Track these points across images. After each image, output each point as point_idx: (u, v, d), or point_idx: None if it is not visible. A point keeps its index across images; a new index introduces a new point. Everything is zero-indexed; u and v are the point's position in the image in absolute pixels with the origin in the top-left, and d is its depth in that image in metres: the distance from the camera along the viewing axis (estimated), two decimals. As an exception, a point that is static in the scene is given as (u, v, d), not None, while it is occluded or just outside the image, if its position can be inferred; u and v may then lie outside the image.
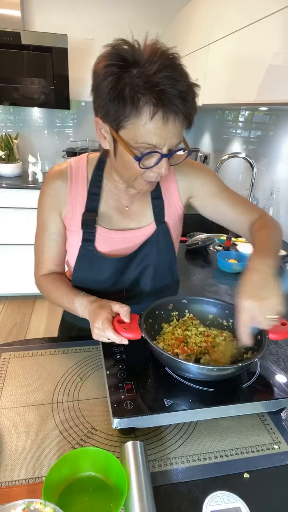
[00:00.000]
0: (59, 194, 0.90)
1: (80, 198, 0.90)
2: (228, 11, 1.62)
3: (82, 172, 0.91)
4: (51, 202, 0.91)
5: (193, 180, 0.96)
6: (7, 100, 2.77)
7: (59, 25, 2.79)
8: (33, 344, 0.93)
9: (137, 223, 0.94)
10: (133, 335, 0.73)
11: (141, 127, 0.68)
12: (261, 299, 0.66)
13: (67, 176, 0.90)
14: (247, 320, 0.67)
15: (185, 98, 0.67)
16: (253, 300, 0.67)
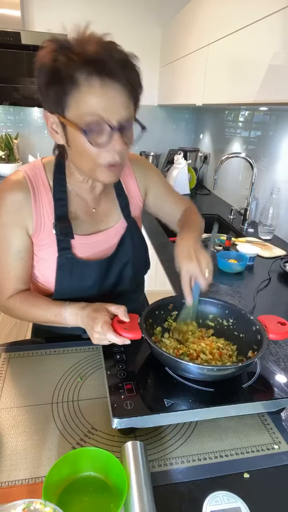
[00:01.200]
0: (22, 208, 0.83)
1: (46, 208, 0.85)
2: (228, 11, 1.62)
3: (42, 179, 0.86)
4: (13, 218, 0.83)
5: (148, 176, 1.03)
6: (7, 100, 2.77)
7: (59, 25, 2.79)
8: (33, 344, 0.93)
9: (106, 223, 0.95)
10: (133, 335, 0.73)
11: (82, 99, 0.69)
12: (197, 260, 0.80)
13: (28, 187, 0.83)
14: (188, 278, 0.81)
15: (123, 65, 0.69)
16: (191, 260, 0.80)
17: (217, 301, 0.89)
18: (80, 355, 0.89)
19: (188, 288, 0.81)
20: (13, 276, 0.88)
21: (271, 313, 0.84)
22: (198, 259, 0.81)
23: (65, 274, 0.89)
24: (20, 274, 0.89)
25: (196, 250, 0.83)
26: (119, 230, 0.96)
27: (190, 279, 0.81)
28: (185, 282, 0.81)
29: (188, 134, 3.40)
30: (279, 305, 1.21)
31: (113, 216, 0.96)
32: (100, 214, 0.94)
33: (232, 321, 0.85)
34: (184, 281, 0.81)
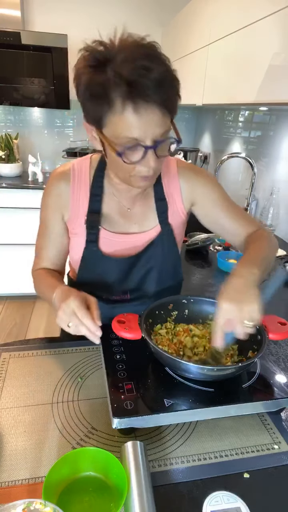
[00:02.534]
0: (62, 195, 0.90)
1: (82, 200, 0.90)
2: (228, 11, 1.62)
3: (85, 173, 0.91)
4: (53, 202, 0.91)
5: (197, 187, 0.95)
6: (7, 100, 2.77)
7: (59, 25, 2.79)
8: (33, 344, 0.93)
9: (139, 227, 0.93)
10: (133, 335, 0.73)
11: (117, 122, 0.68)
12: (240, 303, 0.67)
13: (69, 178, 0.90)
14: (223, 322, 0.68)
15: (158, 85, 0.66)
16: (232, 303, 0.67)
17: (217, 301, 0.88)
18: (80, 355, 0.89)
19: (220, 333, 0.68)
20: (44, 253, 0.96)
21: (271, 313, 0.84)
22: (241, 303, 0.67)
23: (88, 267, 0.93)
24: (50, 254, 0.96)
25: (246, 292, 0.69)
26: (149, 236, 0.94)
27: (226, 322, 0.68)
28: (218, 324, 0.68)
29: (188, 134, 3.40)
30: (279, 305, 1.21)
31: (147, 221, 0.94)
32: (133, 215, 0.93)
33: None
34: (217, 323, 0.68)
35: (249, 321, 0.66)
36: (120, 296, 0.98)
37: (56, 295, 0.79)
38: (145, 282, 0.96)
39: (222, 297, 0.69)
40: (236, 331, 0.67)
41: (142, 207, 0.93)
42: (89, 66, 0.68)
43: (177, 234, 0.97)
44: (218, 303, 0.69)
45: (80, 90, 0.70)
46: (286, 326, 0.79)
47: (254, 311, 0.66)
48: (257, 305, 0.67)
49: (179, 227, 0.97)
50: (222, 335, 0.69)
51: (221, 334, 0.69)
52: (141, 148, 0.70)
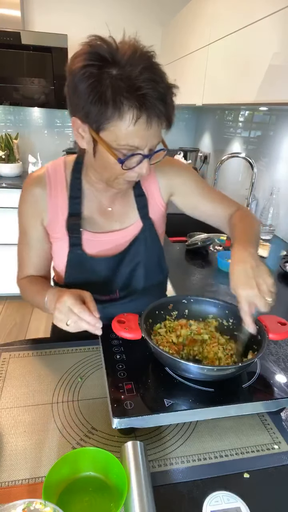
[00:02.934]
0: (39, 201, 0.89)
1: (61, 203, 0.90)
2: (228, 11, 1.62)
3: (61, 176, 0.90)
4: (30, 209, 0.90)
5: (173, 178, 0.98)
6: (7, 100, 2.77)
7: (59, 25, 2.80)
8: (33, 344, 0.93)
9: (120, 224, 0.95)
10: (133, 335, 0.73)
11: (123, 130, 0.68)
12: (255, 286, 0.70)
13: (45, 182, 0.89)
14: (247, 307, 0.70)
15: (165, 100, 0.68)
16: (248, 288, 0.70)
17: (217, 301, 0.89)
18: (80, 355, 0.89)
19: (249, 318, 0.71)
20: (27, 261, 0.96)
21: (271, 313, 0.84)
22: (258, 283, 0.70)
23: (74, 270, 0.93)
24: (32, 261, 0.96)
25: (255, 272, 0.72)
26: (132, 232, 0.95)
27: (249, 305, 0.71)
28: (245, 311, 0.71)
29: (188, 134, 3.40)
30: (279, 305, 1.21)
31: (128, 217, 0.95)
32: (115, 213, 0.94)
33: (232, 321, 0.85)
34: (243, 310, 0.71)
35: (269, 296, 0.70)
36: (110, 296, 0.98)
37: (48, 298, 0.80)
38: (133, 278, 0.98)
39: (237, 286, 0.72)
40: (261, 309, 0.70)
41: (122, 204, 0.95)
42: (92, 65, 0.66)
43: (158, 227, 0.99)
44: (235, 293, 0.72)
45: (82, 90, 0.67)
46: (286, 326, 0.79)
47: (269, 285, 0.70)
48: (270, 280, 0.71)
49: (159, 220, 1.00)
50: (252, 319, 0.71)
51: (250, 319, 0.71)
52: (139, 156, 0.73)
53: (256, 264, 0.73)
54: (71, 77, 0.70)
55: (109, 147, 0.71)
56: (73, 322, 0.70)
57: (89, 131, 0.73)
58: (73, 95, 0.71)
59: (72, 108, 0.73)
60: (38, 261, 0.96)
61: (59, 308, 0.71)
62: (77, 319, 0.70)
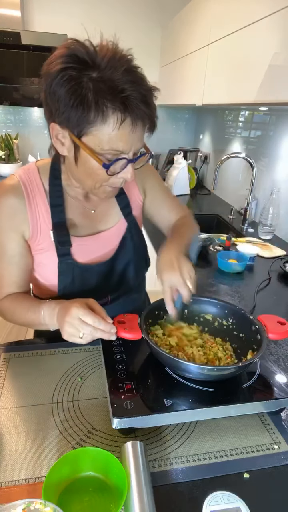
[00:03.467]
0: (17, 213, 0.82)
1: (42, 213, 0.84)
2: (228, 11, 1.62)
3: (37, 183, 0.85)
4: (8, 222, 0.83)
5: (146, 178, 1.01)
6: (7, 100, 2.77)
7: (59, 25, 2.79)
8: (33, 344, 0.93)
9: (104, 224, 0.94)
10: (133, 335, 0.73)
11: (107, 134, 0.67)
12: (176, 269, 0.77)
13: (22, 192, 0.82)
14: (169, 290, 0.78)
15: (147, 102, 0.67)
16: (170, 271, 0.77)
17: (217, 301, 0.89)
18: (80, 355, 0.89)
19: (169, 299, 0.78)
20: (6, 280, 0.88)
21: (271, 313, 0.84)
22: (180, 268, 0.77)
23: (67, 279, 0.89)
24: (14, 278, 0.88)
25: (179, 260, 0.79)
26: (119, 230, 0.96)
27: (171, 289, 0.78)
28: (166, 293, 0.78)
29: (188, 134, 3.40)
30: (279, 305, 1.21)
31: (111, 216, 0.95)
32: (98, 215, 0.94)
33: (232, 321, 0.85)
34: (165, 292, 0.78)
35: (189, 280, 0.77)
36: (102, 300, 0.98)
37: (46, 313, 0.77)
38: (125, 278, 0.98)
39: (160, 271, 0.79)
40: (183, 293, 0.77)
41: (105, 205, 0.95)
42: (71, 68, 0.64)
43: (139, 222, 1.02)
44: (160, 277, 0.79)
45: (61, 94, 0.65)
46: (286, 325, 0.79)
47: (190, 270, 0.78)
48: (190, 265, 0.79)
49: (140, 215, 1.03)
50: (172, 303, 0.78)
51: (170, 303, 0.78)
52: (123, 161, 0.72)
53: (180, 254, 0.82)
54: (48, 81, 0.66)
55: (93, 152, 0.69)
56: (87, 334, 0.68)
57: (70, 136, 0.70)
58: (51, 100, 0.68)
59: (49, 114, 0.71)
60: (19, 278, 0.88)
61: (69, 321, 0.68)
62: (92, 329, 0.68)
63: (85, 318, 0.68)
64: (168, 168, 2.82)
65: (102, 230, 0.94)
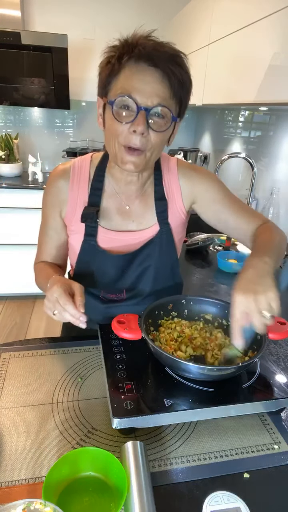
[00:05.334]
0: (60, 192, 0.91)
1: (81, 197, 0.91)
2: (228, 11, 1.62)
3: (85, 171, 0.92)
4: (51, 200, 0.93)
5: (196, 185, 0.94)
6: (7, 100, 2.77)
7: (59, 25, 2.79)
8: (33, 344, 0.93)
9: (137, 225, 0.93)
10: (133, 335, 0.73)
11: (120, 79, 0.74)
12: (255, 293, 0.64)
13: (69, 175, 0.91)
14: (240, 316, 0.65)
15: (169, 58, 0.73)
16: (247, 295, 0.65)
17: (217, 301, 0.89)
18: (80, 355, 0.89)
19: (238, 328, 0.66)
20: (43, 248, 0.99)
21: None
22: (256, 293, 0.64)
23: (85, 260, 0.94)
24: (48, 249, 0.98)
25: (260, 282, 0.66)
26: (147, 235, 0.93)
27: (242, 316, 0.65)
28: (235, 320, 0.66)
29: (188, 134, 3.40)
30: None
31: (145, 219, 0.93)
32: (132, 213, 0.93)
33: (232, 321, 0.85)
34: (234, 318, 0.66)
35: (267, 311, 0.63)
36: (116, 295, 0.97)
37: (48, 285, 0.80)
38: (141, 280, 0.96)
39: (236, 290, 0.66)
40: (255, 324, 0.64)
41: (141, 205, 0.93)
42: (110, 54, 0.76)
43: (176, 233, 0.96)
44: (232, 297, 0.66)
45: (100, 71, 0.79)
46: (286, 325, 0.79)
47: (271, 299, 0.64)
48: (273, 293, 0.64)
49: (178, 227, 0.97)
50: (240, 331, 0.66)
51: (239, 330, 0.66)
52: (134, 107, 0.74)
53: (265, 273, 0.68)
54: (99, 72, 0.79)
55: (108, 102, 0.76)
56: (58, 313, 0.72)
57: (102, 102, 0.80)
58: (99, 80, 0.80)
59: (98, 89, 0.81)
60: (54, 251, 0.98)
61: (48, 296, 0.74)
62: (62, 310, 0.72)
63: (59, 298, 0.72)
64: (168, 168, 2.81)
65: (133, 230, 0.93)
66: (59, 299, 0.72)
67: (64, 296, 0.72)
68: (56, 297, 0.72)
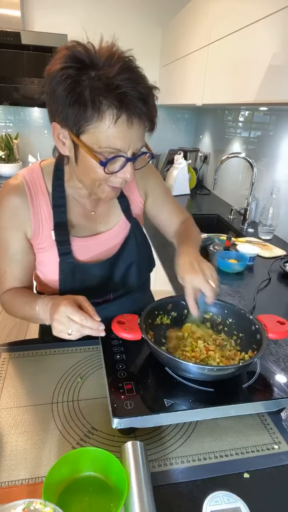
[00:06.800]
0: (20, 212, 0.84)
1: (44, 213, 0.86)
2: (228, 11, 1.62)
3: (40, 183, 0.86)
4: (11, 222, 0.85)
5: (148, 179, 1.01)
6: (7, 100, 2.77)
7: (59, 25, 2.79)
8: (33, 344, 0.93)
9: (104, 225, 0.95)
10: (133, 335, 0.73)
11: (104, 131, 0.67)
12: (198, 269, 0.79)
13: (25, 192, 0.84)
14: (191, 291, 0.78)
15: (146, 100, 0.67)
16: (192, 272, 0.79)
17: (217, 301, 0.88)
18: (80, 355, 0.89)
19: (192, 300, 0.79)
20: (9, 276, 0.90)
21: (271, 313, 0.84)
22: (202, 269, 0.79)
23: (68, 278, 0.90)
24: (16, 274, 0.90)
25: (199, 261, 0.81)
26: (119, 231, 0.96)
27: (194, 290, 0.79)
28: (189, 294, 0.79)
29: (188, 134, 3.40)
30: (279, 305, 1.21)
31: (112, 218, 0.96)
32: (99, 216, 0.94)
33: (232, 321, 0.85)
34: (188, 293, 0.79)
35: (211, 279, 0.78)
36: (103, 298, 0.98)
37: (39, 308, 0.78)
38: (127, 278, 0.98)
39: (182, 273, 0.80)
40: (206, 292, 0.77)
41: (105, 206, 0.95)
42: (70, 67, 0.65)
43: (141, 222, 1.03)
44: (182, 279, 0.80)
45: (60, 93, 0.66)
46: (286, 325, 0.79)
47: (211, 271, 0.80)
48: (210, 265, 0.81)
49: (140, 216, 1.03)
50: (195, 304, 0.79)
51: (194, 304, 0.79)
52: (122, 159, 0.71)
53: (199, 256, 0.84)
54: (49, 80, 0.68)
55: (91, 150, 0.69)
56: (75, 330, 0.69)
57: (69, 135, 0.71)
58: (52, 100, 0.69)
59: (51, 114, 0.72)
60: (21, 275, 0.90)
61: (58, 319, 0.69)
62: (79, 327, 0.68)
63: (73, 316, 0.68)
64: (168, 168, 2.82)
65: (102, 231, 0.94)
66: (73, 317, 0.68)
67: (77, 312, 0.68)
68: (67, 316, 0.68)
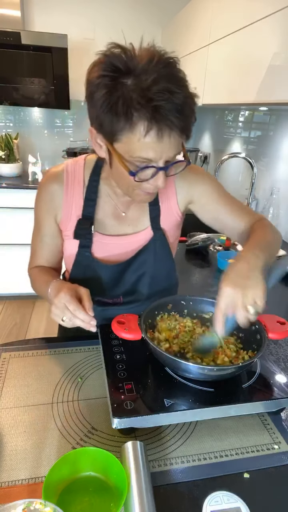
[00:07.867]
0: (54, 198, 0.89)
1: (76, 203, 0.89)
2: (228, 11, 1.62)
3: (79, 175, 0.90)
4: (45, 205, 0.91)
5: (193, 186, 0.93)
6: (7, 100, 2.77)
7: (59, 25, 2.79)
8: (33, 344, 0.93)
9: (133, 228, 0.93)
10: (133, 335, 0.73)
11: (135, 142, 0.66)
12: (243, 288, 0.65)
13: (63, 180, 0.88)
14: (225, 306, 0.66)
15: (181, 111, 0.64)
16: (235, 287, 0.65)
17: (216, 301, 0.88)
18: (80, 355, 0.89)
19: (220, 318, 0.67)
20: (38, 254, 0.97)
21: (271, 313, 0.84)
22: (245, 287, 0.65)
23: (79, 270, 0.93)
24: (43, 254, 0.97)
25: (250, 276, 0.67)
26: (142, 238, 0.93)
27: (227, 307, 0.66)
28: (219, 308, 0.67)
29: (188, 134, 3.39)
30: (279, 305, 1.21)
31: (141, 222, 0.94)
32: (128, 218, 0.93)
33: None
34: (218, 307, 0.67)
35: (253, 306, 0.64)
36: (113, 300, 0.98)
37: (50, 291, 0.80)
38: (138, 286, 0.97)
39: (224, 281, 0.67)
40: (238, 318, 0.65)
41: (136, 209, 0.93)
42: (106, 76, 0.65)
43: (171, 235, 0.96)
44: (220, 287, 0.67)
45: (96, 99, 0.67)
46: (286, 325, 0.79)
47: (257, 297, 0.64)
48: (261, 290, 0.65)
49: (172, 229, 0.96)
50: (223, 320, 0.67)
51: (221, 319, 0.67)
52: (153, 169, 0.70)
53: (256, 268, 0.68)
54: (88, 86, 0.69)
55: (122, 158, 0.69)
56: (68, 319, 0.72)
57: (104, 141, 0.72)
58: (89, 105, 0.71)
59: (90, 118, 0.73)
60: (49, 256, 0.97)
61: (55, 303, 0.73)
62: (72, 316, 0.72)
63: (68, 304, 0.72)
64: (168, 168, 2.81)
65: (128, 233, 0.93)
66: (68, 305, 0.71)
67: (73, 302, 0.72)
68: (64, 303, 0.72)
